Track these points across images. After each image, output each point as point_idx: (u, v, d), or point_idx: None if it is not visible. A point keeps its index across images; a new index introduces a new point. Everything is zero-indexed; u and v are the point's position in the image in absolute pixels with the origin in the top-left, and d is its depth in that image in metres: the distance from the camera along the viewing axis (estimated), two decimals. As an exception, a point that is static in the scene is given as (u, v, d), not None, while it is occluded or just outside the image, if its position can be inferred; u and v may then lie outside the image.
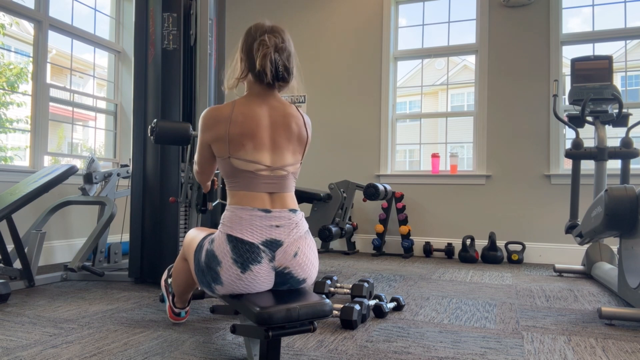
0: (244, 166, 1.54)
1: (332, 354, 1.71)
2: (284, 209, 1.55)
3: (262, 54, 1.54)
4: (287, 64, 1.59)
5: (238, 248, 1.47)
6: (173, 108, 2.92)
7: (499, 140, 4.39)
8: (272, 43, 1.56)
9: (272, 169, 1.56)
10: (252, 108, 1.57)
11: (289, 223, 1.54)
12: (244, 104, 1.58)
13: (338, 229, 3.56)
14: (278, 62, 1.56)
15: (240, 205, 1.52)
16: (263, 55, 1.54)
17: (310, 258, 1.57)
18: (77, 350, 1.71)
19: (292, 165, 1.61)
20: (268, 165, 1.55)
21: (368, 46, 4.85)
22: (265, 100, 1.60)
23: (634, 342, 1.90)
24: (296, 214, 1.58)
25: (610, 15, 4.28)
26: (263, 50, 1.54)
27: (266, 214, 1.51)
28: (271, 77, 1.56)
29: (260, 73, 1.55)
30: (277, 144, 1.57)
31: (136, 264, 2.91)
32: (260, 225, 1.49)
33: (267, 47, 1.54)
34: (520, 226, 4.26)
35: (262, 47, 1.55)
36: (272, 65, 1.54)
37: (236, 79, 1.64)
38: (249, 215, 1.50)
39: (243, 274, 1.47)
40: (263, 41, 1.55)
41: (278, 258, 1.51)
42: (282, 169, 1.58)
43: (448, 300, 2.63)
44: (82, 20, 4.23)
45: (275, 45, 1.56)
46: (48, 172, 3.01)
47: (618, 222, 2.32)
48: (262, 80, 1.58)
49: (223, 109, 1.58)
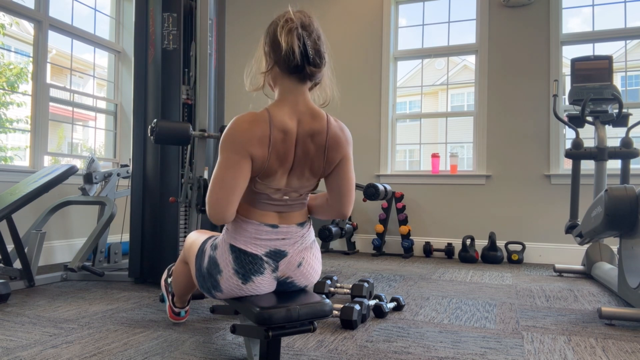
0: (264, 190, 1.42)
1: (332, 354, 1.71)
2: (292, 225, 1.47)
3: (287, 29, 1.34)
4: (317, 44, 1.37)
5: (240, 259, 1.42)
6: (173, 108, 2.92)
7: (499, 140, 4.39)
8: (298, 19, 1.36)
9: (285, 192, 1.45)
10: (285, 122, 1.36)
11: (295, 236, 1.48)
12: (279, 116, 1.36)
13: (338, 229, 3.56)
14: (306, 40, 1.34)
15: (247, 218, 1.44)
16: (288, 31, 1.34)
17: (314, 267, 1.53)
18: (77, 350, 1.71)
19: (306, 188, 1.49)
20: (283, 188, 1.44)
21: (368, 46, 4.86)
22: (295, 108, 1.40)
23: (634, 342, 1.90)
24: (303, 227, 1.50)
25: (610, 15, 4.28)
26: (288, 25, 1.34)
27: (273, 229, 1.44)
28: (300, 57, 1.33)
29: (288, 54, 1.33)
30: (299, 167, 1.42)
31: (136, 264, 2.91)
32: (265, 238, 1.43)
33: (292, 22, 1.35)
34: (520, 226, 4.26)
35: (287, 24, 1.35)
36: (299, 42, 1.33)
37: (262, 74, 1.44)
38: (255, 229, 1.43)
39: (244, 284, 1.44)
40: (288, 18, 1.36)
41: (281, 268, 1.47)
42: (295, 192, 1.47)
43: (448, 300, 2.62)
44: (82, 20, 4.23)
45: (301, 22, 1.36)
46: (48, 172, 3.01)
47: (618, 222, 2.32)
48: (290, 67, 1.36)
49: (261, 123, 1.34)
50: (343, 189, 1.49)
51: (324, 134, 1.41)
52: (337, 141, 1.43)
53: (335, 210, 1.53)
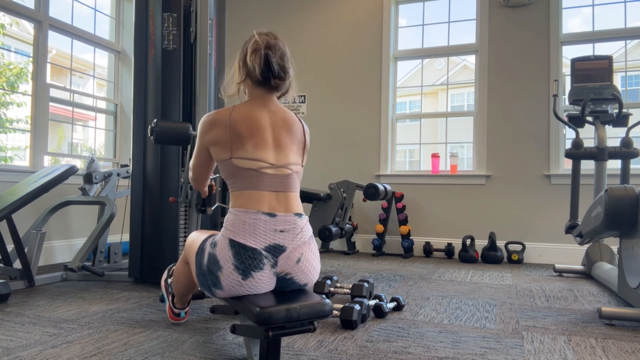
0: (246, 164, 1.53)
1: (332, 354, 1.71)
2: (290, 213, 1.53)
3: (252, 49, 1.59)
4: (280, 62, 1.60)
5: (240, 254, 1.45)
6: (173, 108, 2.92)
7: (499, 140, 4.39)
8: (263, 40, 1.59)
9: (276, 167, 1.55)
10: (251, 110, 1.59)
11: (293, 228, 1.51)
12: (243, 107, 1.60)
13: (338, 229, 3.56)
14: (271, 58, 1.57)
15: (244, 208, 1.49)
16: (253, 51, 1.58)
17: (312, 264, 1.56)
18: (77, 350, 1.71)
19: (296, 165, 1.61)
20: (272, 162, 1.55)
21: (368, 46, 4.85)
22: (265, 105, 1.62)
23: (634, 342, 1.90)
24: (301, 219, 1.56)
25: (610, 15, 4.28)
26: (254, 47, 1.59)
27: (271, 218, 1.49)
28: (260, 74, 1.57)
29: (254, 70, 1.58)
30: (280, 143, 1.58)
31: (136, 264, 2.91)
32: (264, 229, 1.47)
33: (257, 44, 1.58)
34: (520, 226, 4.26)
35: (254, 45, 1.59)
36: (261, 61, 1.57)
37: (236, 84, 1.67)
38: (253, 219, 1.47)
39: (244, 280, 1.46)
40: (254, 41, 1.60)
41: (280, 264, 1.49)
42: (286, 167, 1.57)
43: (448, 300, 2.63)
44: (82, 20, 4.23)
45: (266, 43, 1.58)
46: (48, 172, 3.01)
47: (618, 222, 2.32)
48: (258, 80, 1.59)
49: (221, 112, 1.60)
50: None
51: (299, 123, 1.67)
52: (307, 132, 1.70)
53: None
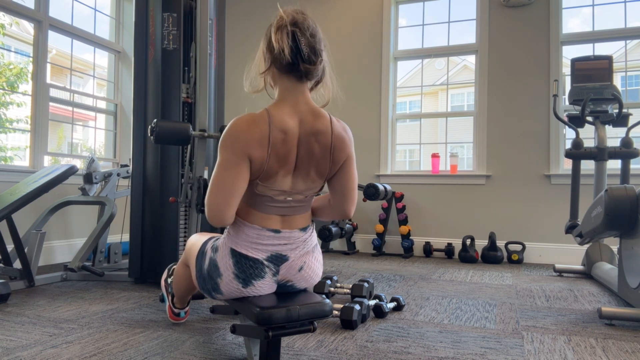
0: (266, 192, 1.39)
1: (332, 354, 1.71)
2: (294, 230, 1.45)
3: (276, 28, 1.34)
4: (311, 42, 1.34)
5: (241, 264, 1.41)
6: (173, 108, 2.92)
7: (499, 140, 4.39)
8: (289, 17, 1.34)
9: (290, 194, 1.42)
10: (286, 122, 1.34)
11: (297, 242, 1.46)
12: (279, 117, 1.34)
13: (338, 229, 3.56)
14: (299, 37, 1.32)
15: (249, 222, 1.41)
16: (278, 29, 1.33)
17: (315, 270, 1.52)
18: (77, 350, 1.71)
19: (311, 190, 1.46)
20: (287, 189, 1.41)
21: (368, 46, 4.85)
22: (296, 107, 1.38)
23: (634, 342, 1.90)
24: (306, 232, 1.48)
25: (610, 15, 4.28)
26: (278, 24, 1.34)
27: (275, 234, 1.42)
28: (291, 55, 1.32)
29: (280, 52, 1.33)
30: (302, 168, 1.39)
31: (136, 264, 2.91)
32: (267, 243, 1.42)
33: (283, 20, 1.34)
34: (520, 226, 4.26)
35: (278, 22, 1.35)
36: (288, 39, 1.31)
37: (261, 74, 1.43)
38: (256, 234, 1.41)
39: (244, 288, 1.43)
40: (279, 17, 1.35)
41: (282, 273, 1.46)
42: (300, 193, 1.44)
43: (448, 300, 2.62)
44: (82, 20, 4.23)
45: (292, 20, 1.34)
46: (48, 172, 3.01)
47: (618, 222, 2.32)
48: (284, 65, 1.35)
49: (260, 124, 1.32)
50: (346, 189, 1.49)
51: (329, 135, 1.39)
52: (342, 141, 1.41)
53: (338, 210, 1.52)
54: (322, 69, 1.41)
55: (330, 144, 1.39)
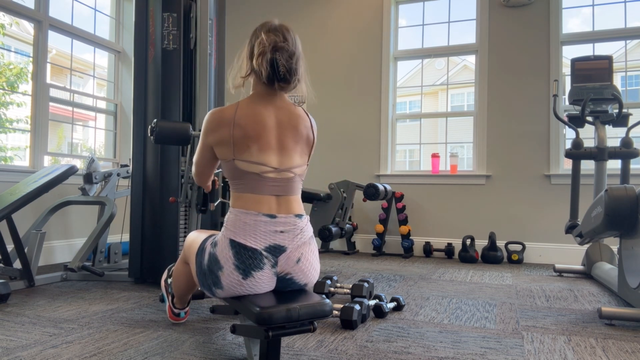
0: (249, 168, 1.50)
1: (332, 354, 1.71)
2: (290, 214, 1.52)
3: (258, 52, 1.52)
4: (287, 64, 1.52)
5: (241, 254, 1.45)
6: (173, 108, 2.92)
7: (499, 140, 4.39)
8: (271, 41, 1.51)
9: (278, 171, 1.52)
10: (256, 109, 1.54)
11: (293, 228, 1.51)
12: (248, 105, 1.55)
13: (338, 229, 3.56)
14: (278, 61, 1.50)
15: (245, 210, 1.49)
16: (259, 54, 1.52)
17: (312, 264, 1.56)
18: (77, 350, 1.71)
19: (299, 167, 1.57)
20: (275, 167, 1.52)
21: (368, 46, 4.85)
22: (270, 101, 1.57)
23: (634, 342, 1.90)
24: (302, 219, 1.55)
25: (610, 15, 4.28)
26: (259, 48, 1.52)
27: (271, 219, 1.48)
28: (266, 77, 1.51)
29: (259, 73, 1.53)
30: (284, 145, 1.54)
31: (136, 264, 2.91)
32: (264, 230, 1.47)
33: (263, 46, 1.51)
34: (520, 226, 4.26)
35: (259, 46, 1.52)
36: (267, 64, 1.50)
37: (241, 78, 1.60)
38: (253, 220, 1.47)
39: (244, 280, 1.46)
40: (261, 40, 1.52)
41: (281, 264, 1.49)
42: (289, 171, 1.54)
43: (448, 300, 2.62)
44: (82, 20, 4.23)
45: (274, 44, 1.51)
46: (48, 172, 3.01)
47: (618, 222, 2.32)
48: (262, 81, 1.55)
49: (226, 110, 1.54)
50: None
51: (306, 119, 1.61)
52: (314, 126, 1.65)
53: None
54: (297, 80, 1.59)
55: (310, 125, 1.62)
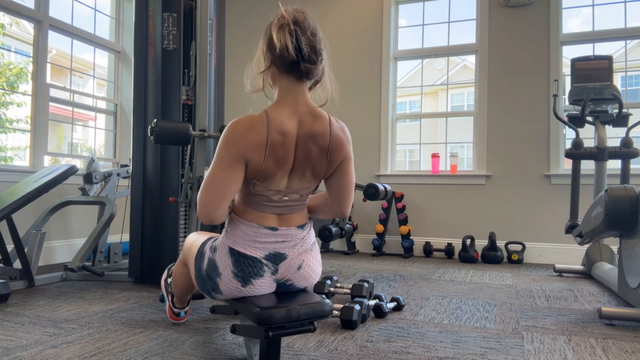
0: (262, 191, 1.42)
1: (332, 354, 1.71)
2: (292, 227, 1.47)
3: (278, 27, 1.35)
4: (311, 41, 1.35)
5: (240, 262, 1.42)
6: (173, 108, 2.92)
7: (499, 140, 4.39)
8: (291, 16, 1.36)
9: (286, 193, 1.44)
10: (284, 124, 1.35)
11: (294, 238, 1.47)
12: (278, 119, 1.36)
13: (338, 229, 3.56)
14: (300, 36, 1.33)
15: (247, 221, 1.43)
16: (279, 28, 1.34)
17: (314, 269, 1.53)
18: (77, 350, 1.71)
19: (307, 189, 1.48)
20: (283, 189, 1.43)
21: (368, 46, 4.85)
22: (295, 108, 1.39)
23: (634, 342, 1.90)
24: (304, 229, 1.50)
25: (610, 15, 4.28)
26: (280, 22, 1.35)
27: (272, 231, 1.44)
28: (294, 53, 1.32)
29: (282, 51, 1.33)
30: (299, 169, 1.41)
31: (136, 264, 2.91)
32: (264, 241, 1.43)
33: (284, 19, 1.35)
34: (520, 226, 4.26)
35: (279, 21, 1.36)
36: (292, 38, 1.32)
37: (260, 73, 1.43)
38: (254, 232, 1.43)
39: (244, 287, 1.44)
40: (281, 16, 1.36)
41: (281, 271, 1.46)
42: (296, 192, 1.46)
43: (448, 300, 2.62)
44: (82, 20, 4.23)
45: (293, 18, 1.35)
46: (48, 172, 3.01)
47: (618, 222, 2.32)
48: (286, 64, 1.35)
49: (258, 126, 1.33)
50: (343, 189, 1.50)
51: (327, 136, 1.40)
52: (340, 142, 1.42)
53: (334, 210, 1.54)
54: (322, 69, 1.42)
55: (328, 146, 1.41)
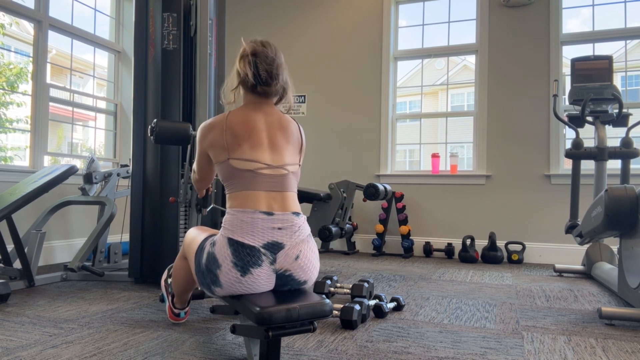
0: (243, 165, 1.55)
1: (332, 354, 1.71)
2: (287, 212, 1.55)
3: (239, 57, 1.66)
4: (268, 68, 1.61)
5: (239, 252, 1.47)
6: (173, 108, 2.92)
7: (499, 140, 4.39)
8: (250, 47, 1.64)
9: (272, 167, 1.57)
10: (246, 114, 1.64)
11: (291, 226, 1.54)
12: (239, 111, 1.65)
13: (338, 229, 3.56)
14: (258, 64, 1.61)
15: (242, 208, 1.52)
16: (240, 58, 1.65)
17: (311, 260, 1.57)
18: (77, 350, 1.71)
19: (291, 165, 1.63)
20: (268, 163, 1.57)
21: (368, 46, 4.85)
22: (260, 108, 1.66)
23: (634, 342, 1.90)
24: (299, 217, 1.58)
25: (610, 15, 4.28)
26: (241, 54, 1.66)
27: (268, 216, 1.51)
28: (253, 79, 1.60)
29: (244, 77, 1.62)
30: (276, 144, 1.61)
31: (136, 264, 2.91)
32: (262, 227, 1.49)
33: (245, 51, 1.64)
34: (520, 226, 4.26)
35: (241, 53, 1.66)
36: (250, 66, 1.61)
37: (231, 91, 1.70)
38: (250, 218, 1.50)
39: (243, 277, 1.47)
40: (243, 49, 1.66)
41: (279, 261, 1.51)
42: (282, 168, 1.59)
43: (448, 300, 2.62)
44: (82, 20, 4.23)
45: (252, 49, 1.63)
46: (48, 172, 3.01)
47: (618, 222, 2.32)
48: (248, 87, 1.64)
49: (217, 117, 1.65)
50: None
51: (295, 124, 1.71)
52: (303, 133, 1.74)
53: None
54: (282, 88, 1.68)
55: (299, 130, 1.72)
